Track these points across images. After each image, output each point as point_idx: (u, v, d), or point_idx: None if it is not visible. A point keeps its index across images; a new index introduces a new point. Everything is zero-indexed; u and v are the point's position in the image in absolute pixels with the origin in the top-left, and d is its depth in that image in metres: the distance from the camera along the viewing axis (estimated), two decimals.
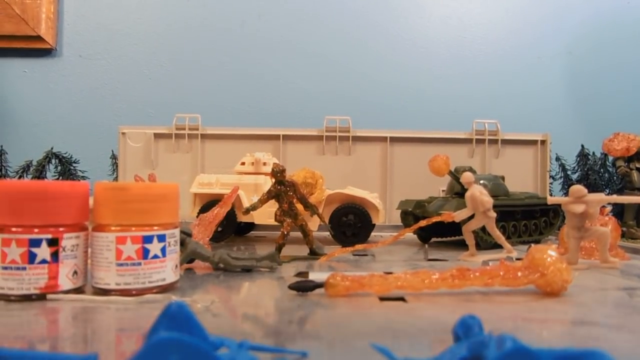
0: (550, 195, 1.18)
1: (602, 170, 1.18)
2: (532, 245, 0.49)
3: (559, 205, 0.82)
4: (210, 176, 0.92)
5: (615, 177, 1.15)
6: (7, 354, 0.24)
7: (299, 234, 0.72)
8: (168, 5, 1.43)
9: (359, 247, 0.68)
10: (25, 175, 1.17)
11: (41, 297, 0.41)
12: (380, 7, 1.45)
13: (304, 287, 0.44)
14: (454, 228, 0.86)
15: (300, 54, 1.43)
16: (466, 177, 0.69)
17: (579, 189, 0.61)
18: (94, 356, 0.24)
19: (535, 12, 1.48)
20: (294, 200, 0.69)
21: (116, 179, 1.16)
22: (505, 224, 0.85)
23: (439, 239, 0.96)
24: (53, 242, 0.41)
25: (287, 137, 1.16)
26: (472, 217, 0.70)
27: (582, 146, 1.21)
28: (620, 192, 1.07)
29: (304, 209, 0.71)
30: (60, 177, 1.17)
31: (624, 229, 0.98)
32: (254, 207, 0.70)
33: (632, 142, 0.94)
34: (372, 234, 0.91)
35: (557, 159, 1.22)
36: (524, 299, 0.43)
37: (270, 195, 0.69)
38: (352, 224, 0.87)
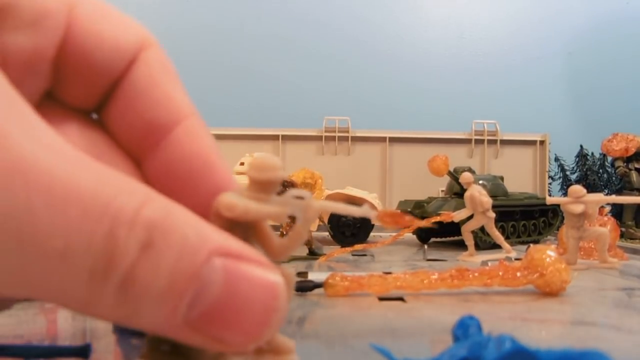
0: (549, 195, 1.18)
1: (601, 170, 1.18)
2: (531, 245, 0.49)
3: (558, 205, 0.82)
4: None
5: (614, 178, 1.15)
6: (3, 346, 0.25)
7: None
8: (168, 5, 1.43)
9: (358, 247, 0.68)
10: None
11: None
12: (379, 7, 1.45)
13: (303, 287, 0.44)
14: (453, 228, 0.86)
15: (300, 54, 1.43)
16: (465, 177, 0.69)
17: (578, 189, 0.61)
18: (88, 345, 0.24)
19: (535, 12, 1.48)
20: None
21: None
22: (504, 224, 0.85)
23: (438, 239, 0.96)
24: None
25: (286, 137, 1.16)
26: (471, 217, 0.70)
27: (581, 146, 1.21)
28: (619, 192, 1.07)
29: None
30: None
31: (623, 229, 0.98)
32: None
33: (631, 142, 0.94)
34: (371, 234, 0.90)
35: (556, 159, 1.22)
36: (523, 299, 0.43)
37: None
38: (351, 224, 0.87)
